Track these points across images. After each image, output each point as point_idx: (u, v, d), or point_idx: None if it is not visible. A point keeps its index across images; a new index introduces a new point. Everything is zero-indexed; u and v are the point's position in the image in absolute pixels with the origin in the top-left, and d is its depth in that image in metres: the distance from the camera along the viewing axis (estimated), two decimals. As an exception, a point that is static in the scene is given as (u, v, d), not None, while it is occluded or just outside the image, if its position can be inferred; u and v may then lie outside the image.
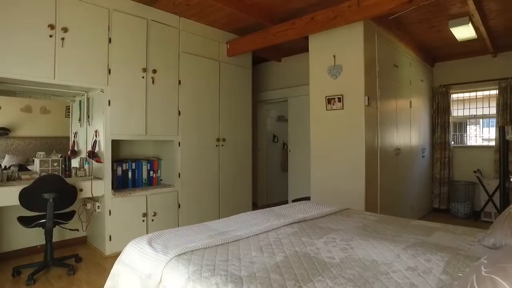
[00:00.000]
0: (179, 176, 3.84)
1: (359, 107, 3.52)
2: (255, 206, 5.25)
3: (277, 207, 2.41)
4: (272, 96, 5.64)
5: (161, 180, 4.01)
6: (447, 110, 5.40)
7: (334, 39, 3.74)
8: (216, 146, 4.26)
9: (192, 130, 3.98)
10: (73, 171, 3.46)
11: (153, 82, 3.59)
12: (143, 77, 3.51)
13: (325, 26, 3.52)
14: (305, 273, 1.25)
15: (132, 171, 3.74)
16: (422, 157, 5.16)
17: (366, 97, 3.51)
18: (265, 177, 5.95)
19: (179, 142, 3.84)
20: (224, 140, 4.34)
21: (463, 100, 5.57)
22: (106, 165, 3.28)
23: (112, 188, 3.32)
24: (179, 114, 3.85)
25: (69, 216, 2.95)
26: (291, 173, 5.33)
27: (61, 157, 3.42)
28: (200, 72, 4.07)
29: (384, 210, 3.78)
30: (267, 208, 2.36)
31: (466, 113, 5.55)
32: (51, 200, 2.70)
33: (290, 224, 1.88)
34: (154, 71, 3.59)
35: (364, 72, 3.50)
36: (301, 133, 5.20)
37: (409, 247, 1.49)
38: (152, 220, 3.56)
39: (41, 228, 2.82)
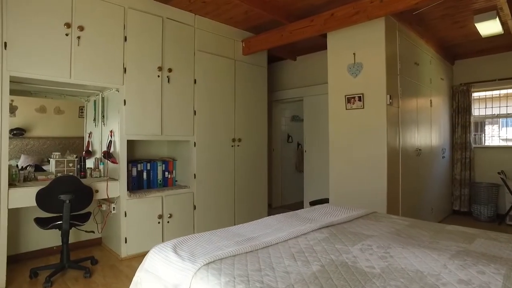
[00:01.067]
0: (195, 177, 3.76)
1: (381, 106, 3.39)
2: (270, 208, 5.16)
3: (300, 210, 2.31)
4: (287, 96, 5.53)
5: (176, 181, 3.94)
6: (468, 109, 5.22)
7: (353, 36, 3.62)
8: (232, 146, 4.17)
9: (208, 130, 3.91)
10: (88, 172, 3.41)
11: (168, 81, 3.52)
12: (158, 76, 3.44)
13: (346, 22, 3.40)
14: (346, 285, 1.15)
15: (147, 171, 3.68)
16: (442, 157, 5.00)
17: (388, 96, 3.39)
18: (279, 178, 5.84)
19: (194, 142, 3.77)
20: (239, 140, 4.25)
21: (484, 99, 5.38)
22: (122, 166, 3.22)
23: (128, 189, 3.26)
24: (195, 114, 3.77)
25: (85, 217, 2.90)
26: (307, 174, 5.22)
27: (76, 157, 3.38)
28: (216, 71, 3.99)
29: (406, 212, 3.65)
30: (291, 212, 2.26)
31: (487, 112, 5.36)
32: (68, 201, 2.64)
33: (319, 229, 1.78)
34: (170, 70, 3.52)
35: (385, 70, 3.37)
36: (317, 133, 5.08)
37: (454, 256, 1.37)
38: (168, 222, 3.49)
39: (57, 229, 2.77)
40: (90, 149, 3.75)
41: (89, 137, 3.82)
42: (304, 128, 5.27)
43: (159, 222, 3.42)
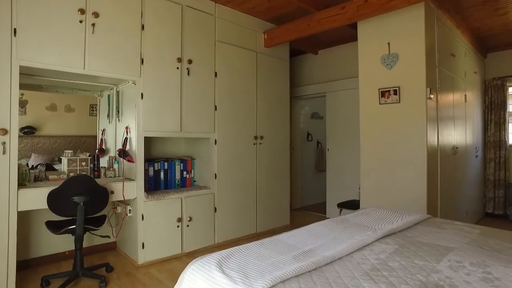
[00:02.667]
0: (216, 177, 3.50)
1: (419, 100, 3.09)
2: (290, 209, 4.88)
3: (349, 215, 2.04)
4: (307, 92, 5.25)
5: (194, 181, 3.69)
6: (502, 105, 4.88)
7: (387, 25, 3.32)
8: (254, 144, 3.91)
9: (229, 127, 3.64)
10: (102, 171, 3.18)
11: (188, 74, 3.27)
12: (177, 68, 3.19)
13: (381, 9, 3.11)
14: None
15: (164, 171, 3.43)
16: (476, 157, 4.67)
17: (428, 89, 3.09)
18: (299, 177, 5.56)
19: (215, 140, 3.51)
20: (261, 138, 3.98)
21: (519, 94, 5.02)
22: (139, 165, 2.97)
23: (145, 190, 3.01)
24: (215, 109, 3.51)
25: (100, 221, 2.66)
26: (330, 174, 4.93)
27: (89, 156, 3.15)
28: (237, 64, 3.73)
29: (444, 216, 3.34)
30: (340, 218, 1.99)
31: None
32: (82, 204, 2.41)
33: (382, 238, 1.51)
34: (190, 62, 3.27)
35: (425, 61, 3.07)
36: (340, 131, 4.79)
37: None
38: (188, 225, 3.24)
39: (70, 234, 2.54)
40: (103, 147, 3.52)
41: (102, 134, 3.59)
42: (327, 126, 4.98)
43: (178, 226, 3.17)
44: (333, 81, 4.91)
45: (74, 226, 2.46)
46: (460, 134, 4.04)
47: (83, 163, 3.08)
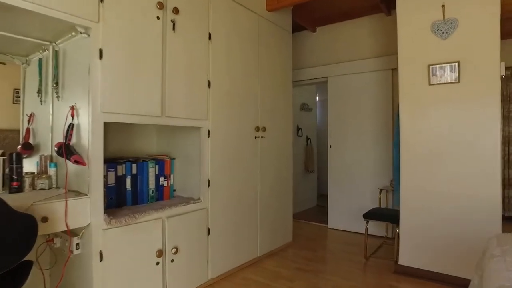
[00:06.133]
0: (209, 185, 2.42)
1: (489, 78, 2.34)
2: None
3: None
4: (303, 76, 4.34)
5: (174, 190, 2.55)
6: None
7: (440, -19, 2.53)
8: (255, 138, 2.88)
9: (226, 112, 2.58)
10: (27, 181, 1.91)
11: (173, 29, 2.14)
12: (158, 18, 2.05)
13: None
14: None
15: (132, 177, 2.26)
16: None
17: (502, 64, 2.34)
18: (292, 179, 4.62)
19: (208, 131, 2.42)
20: (264, 129, 2.97)
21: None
22: (94, 169, 1.78)
23: (105, 212, 1.83)
24: (209, 86, 2.43)
25: (21, 275, 1.44)
26: (332, 176, 4.07)
27: (1, 155, 1.87)
28: (236, 26, 2.68)
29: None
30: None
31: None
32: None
33: None
34: (176, 11, 2.15)
35: (499, 27, 2.33)
36: (345, 123, 3.97)
37: None
38: (172, 260, 2.12)
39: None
40: (30, 141, 2.24)
41: (29, 121, 2.30)
42: (329, 117, 4.11)
43: (158, 263, 2.03)
44: (335, 64, 4.06)
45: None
46: None
47: (-8, 167, 1.80)
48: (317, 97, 5.68)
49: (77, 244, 1.80)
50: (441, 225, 2.48)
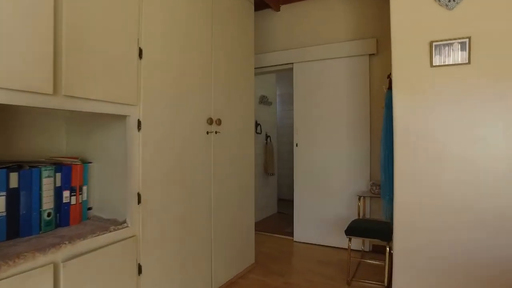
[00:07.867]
0: (140, 200, 1.64)
1: (508, 59, 1.87)
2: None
3: None
4: (265, 62, 3.68)
5: (89, 209, 1.73)
6: None
7: None
8: (208, 133, 2.15)
9: (166, 96, 1.81)
10: None
11: (76, -47, 1.33)
12: None
13: None
14: None
15: (10, 194, 1.40)
16: None
17: (522, 41, 1.88)
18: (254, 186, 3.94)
19: (139, 121, 1.64)
20: (219, 122, 2.24)
21: None
22: None
23: None
24: (140, 57, 1.64)
25: None
26: (299, 179, 3.48)
27: None
28: (181, -24, 1.92)
29: None
30: None
31: None
32: None
33: None
34: None
35: (517, -6, 1.86)
36: (314, 119, 3.39)
37: None
38: (74, 329, 1.31)
39: None
40: None
41: None
42: (295, 111, 3.51)
43: None
44: (302, 48, 3.47)
45: None
46: None
47: None
48: (277, 91, 5.08)
49: None
50: (449, 246, 1.97)
